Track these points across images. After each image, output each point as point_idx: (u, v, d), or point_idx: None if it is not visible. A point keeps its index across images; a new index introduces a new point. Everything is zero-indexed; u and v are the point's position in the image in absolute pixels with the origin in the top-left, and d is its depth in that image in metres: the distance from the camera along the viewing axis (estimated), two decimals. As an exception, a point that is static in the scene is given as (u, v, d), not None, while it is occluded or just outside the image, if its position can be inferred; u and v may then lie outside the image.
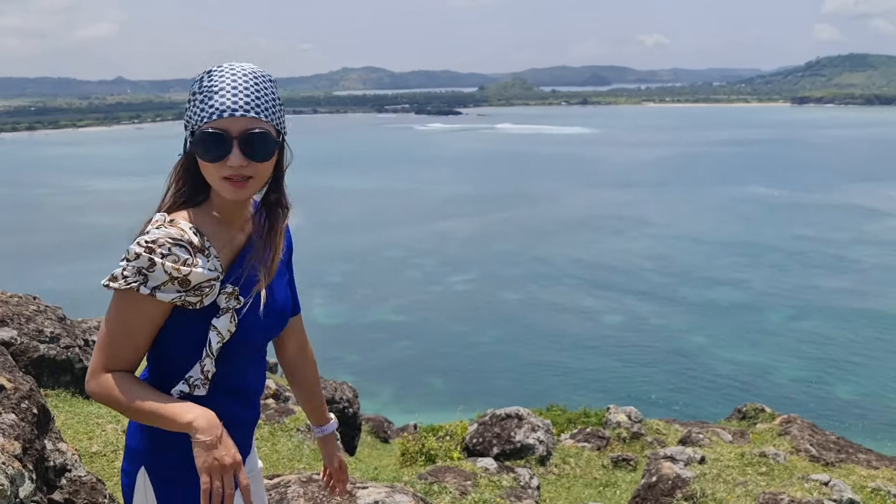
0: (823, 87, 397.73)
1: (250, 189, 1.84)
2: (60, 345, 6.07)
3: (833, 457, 7.74)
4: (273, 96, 1.85)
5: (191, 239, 1.79)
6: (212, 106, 1.77)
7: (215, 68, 1.83)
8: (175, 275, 1.75)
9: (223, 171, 1.78)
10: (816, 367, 33.46)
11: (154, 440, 1.89)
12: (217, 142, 1.77)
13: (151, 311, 1.79)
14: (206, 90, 1.80)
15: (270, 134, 1.81)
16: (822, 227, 62.58)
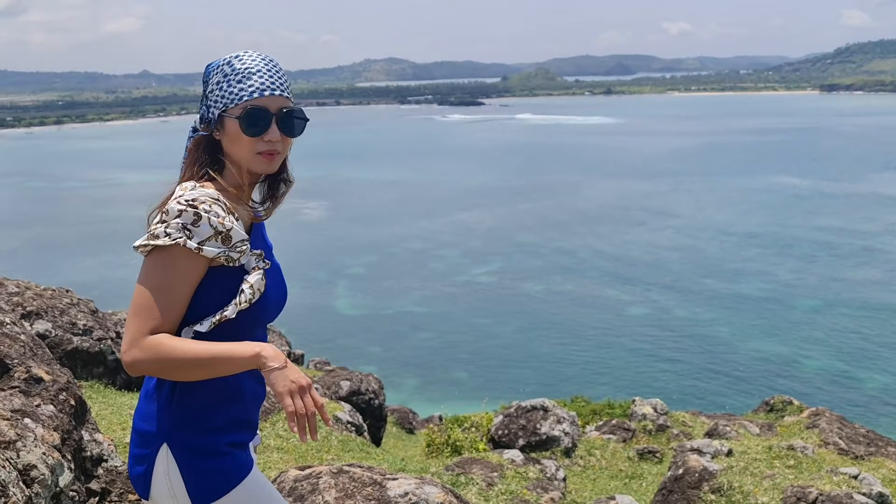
0: (853, 74, 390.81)
1: (277, 163, 1.99)
2: (93, 337, 6.19)
3: (862, 450, 7.66)
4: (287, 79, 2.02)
5: (224, 200, 1.89)
6: (251, 85, 1.92)
7: (241, 53, 1.97)
8: (220, 229, 1.83)
9: (259, 145, 1.92)
10: (845, 359, 33.03)
11: (178, 416, 1.92)
12: (261, 117, 1.90)
13: (195, 267, 1.84)
14: (239, 72, 1.93)
15: (301, 113, 1.99)
16: (849, 217, 61.62)
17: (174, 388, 1.94)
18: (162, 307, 1.81)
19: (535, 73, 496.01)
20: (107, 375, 6.13)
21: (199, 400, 1.94)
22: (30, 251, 56.31)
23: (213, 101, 1.95)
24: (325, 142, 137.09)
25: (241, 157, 1.94)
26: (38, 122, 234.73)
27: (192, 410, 1.93)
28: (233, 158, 1.96)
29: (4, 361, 3.36)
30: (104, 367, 6.17)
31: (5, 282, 6.13)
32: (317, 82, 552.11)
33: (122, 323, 9.43)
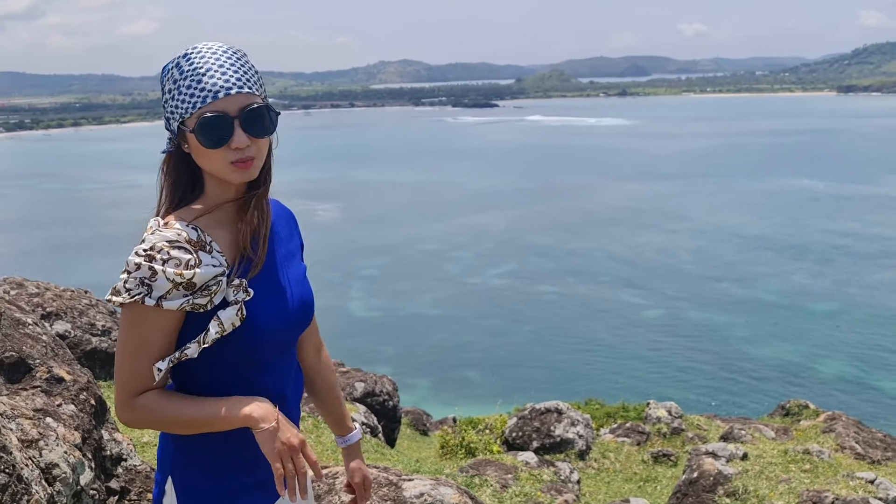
0: (871, 75, 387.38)
1: (255, 169, 1.73)
2: (112, 338, 6.26)
3: (879, 454, 7.61)
4: (254, 69, 1.76)
5: (188, 237, 1.67)
6: (203, 88, 1.66)
7: (189, 51, 1.70)
8: (178, 280, 1.63)
9: (228, 155, 1.67)
10: (861, 363, 32.75)
11: (178, 453, 1.82)
12: (219, 125, 1.65)
13: (162, 321, 1.66)
14: (188, 75, 1.67)
15: (267, 108, 1.72)
16: (866, 220, 61.07)
17: None
18: (140, 365, 1.65)
19: (549, 74, 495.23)
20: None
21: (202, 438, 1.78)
22: (47, 252, 56.91)
23: (170, 111, 1.71)
24: (339, 144, 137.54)
25: (215, 171, 1.71)
26: (55, 124, 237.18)
27: (194, 448, 1.79)
28: (208, 172, 1.74)
29: (27, 362, 3.41)
30: (122, 367, 6.24)
31: (25, 283, 6.21)
32: (331, 84, 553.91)
33: (140, 323, 9.51)
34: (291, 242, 1.98)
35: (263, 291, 1.76)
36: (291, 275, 1.89)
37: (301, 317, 1.89)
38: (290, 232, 1.99)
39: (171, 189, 1.78)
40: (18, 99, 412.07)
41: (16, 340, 3.47)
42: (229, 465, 1.82)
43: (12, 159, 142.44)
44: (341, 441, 2.23)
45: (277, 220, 1.94)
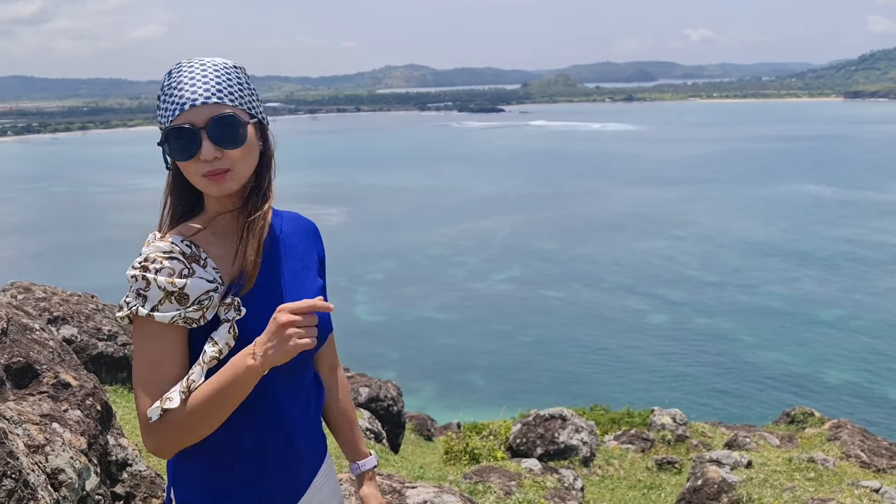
0: (878, 80, 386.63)
1: (232, 181, 1.67)
2: (118, 342, 6.30)
3: (885, 463, 7.59)
4: (240, 82, 1.71)
5: (182, 250, 1.66)
6: (173, 101, 1.66)
7: (174, 67, 1.70)
8: (170, 289, 1.61)
9: (199, 167, 1.65)
10: (867, 371, 32.61)
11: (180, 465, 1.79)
12: (185, 137, 1.64)
13: (163, 335, 1.63)
14: (168, 89, 1.68)
15: (238, 117, 1.66)
16: (873, 226, 60.88)
17: None
18: (158, 381, 1.63)
19: (555, 79, 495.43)
20: (130, 380, 6.24)
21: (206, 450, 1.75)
22: (54, 255, 57.14)
23: (159, 124, 1.73)
24: (345, 148, 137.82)
25: (195, 184, 1.69)
26: (63, 127, 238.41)
27: (196, 461, 1.76)
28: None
29: (34, 367, 3.44)
30: (128, 371, 6.26)
31: (33, 287, 6.25)
32: (337, 88, 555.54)
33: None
34: (308, 257, 1.92)
35: (262, 309, 1.69)
36: (301, 291, 1.82)
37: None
38: (309, 246, 1.95)
39: (171, 206, 1.78)
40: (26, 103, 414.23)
41: (23, 346, 3.50)
42: (233, 478, 1.78)
43: (20, 163, 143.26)
44: (355, 468, 2.14)
45: (293, 234, 1.90)
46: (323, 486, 2.00)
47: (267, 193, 1.77)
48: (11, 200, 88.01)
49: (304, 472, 1.92)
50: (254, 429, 1.78)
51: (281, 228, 1.88)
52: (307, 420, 1.91)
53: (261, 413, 1.77)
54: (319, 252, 1.99)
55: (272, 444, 1.81)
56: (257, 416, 1.77)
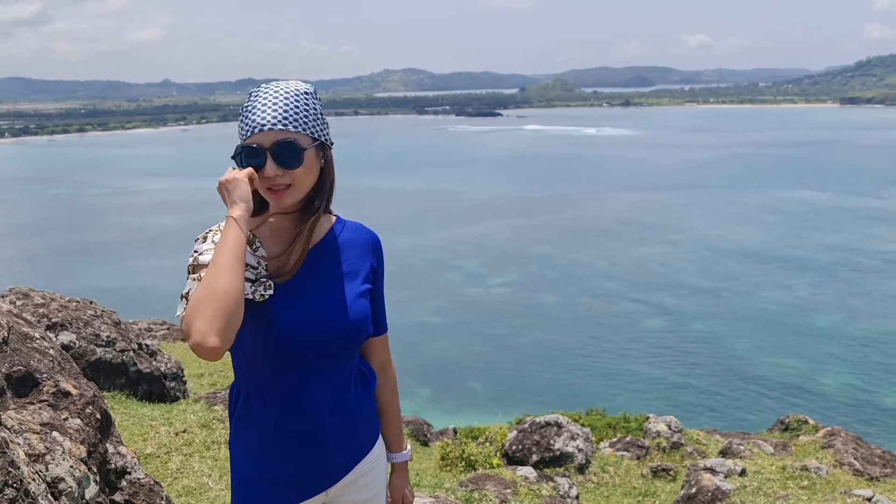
0: (874, 87, 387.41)
1: (290, 196, 1.96)
2: (116, 348, 6.32)
3: (878, 471, 7.63)
4: (307, 108, 1.98)
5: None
6: (247, 124, 1.95)
7: (256, 90, 2.00)
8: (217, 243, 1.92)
9: (263, 181, 1.93)
10: (862, 378, 32.69)
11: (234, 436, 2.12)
12: (252, 155, 1.93)
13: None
14: (245, 110, 1.97)
15: (297, 142, 1.93)
16: (870, 231, 61.06)
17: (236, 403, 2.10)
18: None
19: (553, 84, 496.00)
20: (128, 386, 6.26)
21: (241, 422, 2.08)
22: (51, 258, 57.03)
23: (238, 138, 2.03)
24: (343, 152, 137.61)
25: (260, 191, 1.98)
26: (60, 129, 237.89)
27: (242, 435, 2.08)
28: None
29: (34, 376, 3.47)
30: (126, 377, 6.29)
31: (31, 293, 6.27)
32: (336, 92, 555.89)
33: (143, 334, 9.57)
34: (360, 263, 2.14)
35: (294, 298, 1.99)
36: (340, 293, 2.06)
37: (337, 334, 2.02)
38: (362, 255, 2.16)
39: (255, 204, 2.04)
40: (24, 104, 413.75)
41: (23, 355, 3.53)
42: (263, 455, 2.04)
43: (17, 164, 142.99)
44: (389, 457, 2.38)
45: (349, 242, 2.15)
46: (361, 478, 2.18)
47: (319, 206, 2.06)
48: (9, 202, 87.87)
49: (337, 460, 2.10)
50: (282, 414, 2.00)
51: (339, 236, 2.14)
52: (343, 411, 2.08)
53: (290, 401, 2.00)
54: (374, 262, 2.20)
55: (297, 430, 2.02)
56: (283, 404, 2.00)
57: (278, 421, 2.01)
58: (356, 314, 2.06)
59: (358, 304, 2.07)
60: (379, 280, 2.22)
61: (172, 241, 55.03)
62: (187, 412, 5.79)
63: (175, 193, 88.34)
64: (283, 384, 1.99)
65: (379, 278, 2.22)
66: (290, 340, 1.95)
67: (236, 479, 2.09)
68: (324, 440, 2.05)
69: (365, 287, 2.13)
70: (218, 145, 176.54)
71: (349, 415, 2.09)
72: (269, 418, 2.01)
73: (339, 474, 2.11)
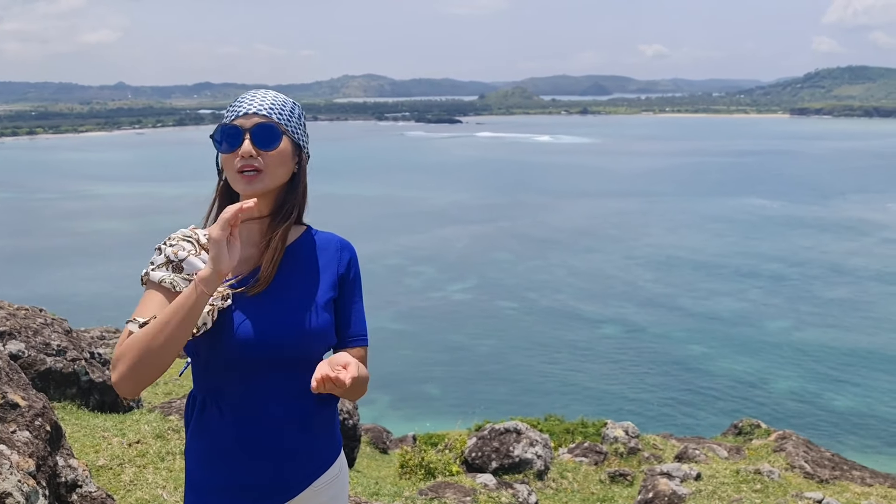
0: (822, 98, 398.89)
1: (261, 183, 1.95)
2: (67, 357, 6.16)
3: (827, 474, 7.83)
4: (292, 111, 2.05)
5: (199, 238, 1.97)
6: (233, 111, 1.99)
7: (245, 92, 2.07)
8: (172, 258, 1.92)
9: (236, 161, 1.93)
10: (813, 381, 33.53)
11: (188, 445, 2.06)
12: (233, 134, 1.95)
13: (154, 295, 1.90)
14: (231, 104, 2.02)
15: (277, 127, 1.97)
16: (819, 239, 62.76)
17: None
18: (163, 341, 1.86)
19: (512, 91, 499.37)
20: (80, 396, 6.10)
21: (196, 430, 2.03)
22: (-1, 263, 55.41)
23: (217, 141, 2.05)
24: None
25: (230, 179, 1.98)
26: (9, 132, 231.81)
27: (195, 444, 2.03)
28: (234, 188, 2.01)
29: (-19, 387, 3.36)
30: (77, 387, 6.13)
31: (-22, 301, 6.09)
32: (295, 97, 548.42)
33: (96, 342, 9.35)
34: (326, 272, 2.09)
35: (251, 306, 1.95)
36: (299, 301, 2.01)
37: (291, 342, 1.96)
38: (329, 261, 2.12)
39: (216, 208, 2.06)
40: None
41: (-31, 366, 3.42)
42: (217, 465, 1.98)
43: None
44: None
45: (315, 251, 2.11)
46: (320, 495, 2.08)
47: (290, 212, 2.05)
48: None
49: (294, 473, 2.01)
50: (237, 423, 1.96)
51: (307, 245, 2.12)
52: (299, 422, 2.01)
53: (245, 409, 1.96)
54: (342, 271, 2.13)
55: (251, 439, 1.96)
56: (241, 412, 1.96)
57: (233, 429, 1.95)
58: (314, 323, 1.99)
59: (317, 314, 2.01)
60: (350, 290, 2.16)
61: (126, 248, 53.87)
62: (141, 422, 5.67)
63: (129, 198, 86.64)
64: (238, 392, 1.95)
65: (350, 287, 2.16)
66: (243, 348, 1.91)
67: (189, 487, 2.03)
68: (278, 450, 1.98)
69: (328, 296, 2.07)
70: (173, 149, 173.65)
71: (307, 426, 2.02)
72: (224, 426, 1.96)
73: (296, 488, 2.02)
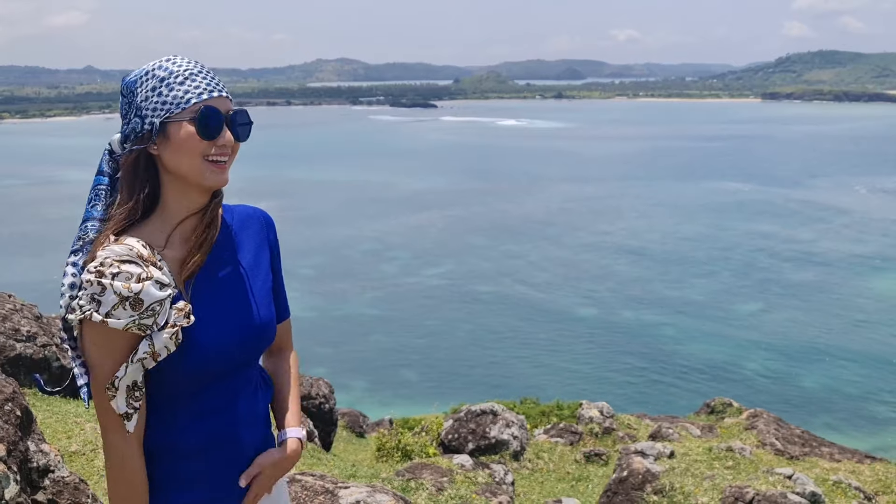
0: (793, 83, 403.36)
1: (227, 174, 1.74)
2: (37, 343, 6.08)
3: (797, 450, 7.98)
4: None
5: (140, 252, 1.65)
6: (197, 86, 1.70)
7: (169, 59, 1.74)
8: (125, 294, 1.59)
9: (211, 150, 1.69)
10: (783, 360, 34.14)
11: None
12: (213, 118, 1.69)
13: (117, 340, 1.63)
14: (178, 74, 1.70)
15: (247, 115, 1.78)
16: (789, 222, 63.68)
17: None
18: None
19: (486, 76, 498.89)
20: (51, 382, 6.03)
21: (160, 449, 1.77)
22: (-36, 251, 54.38)
23: (151, 108, 1.68)
24: (275, 141, 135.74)
25: (191, 170, 1.69)
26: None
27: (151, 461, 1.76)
28: (179, 173, 1.70)
29: (-52, 372, 3.30)
30: (49, 373, 6.06)
31: (-56, 287, 5.97)
32: (267, 81, 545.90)
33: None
34: (260, 253, 1.92)
35: (209, 313, 1.73)
36: (250, 291, 1.84)
37: (254, 339, 1.83)
38: (261, 242, 1.93)
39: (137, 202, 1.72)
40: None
41: (-64, 350, 3.36)
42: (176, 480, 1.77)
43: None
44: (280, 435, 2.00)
45: (242, 230, 1.90)
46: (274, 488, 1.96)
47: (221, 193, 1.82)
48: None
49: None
50: (201, 425, 1.77)
51: (233, 225, 1.88)
52: (254, 416, 1.88)
53: (211, 408, 1.77)
54: (272, 243, 1.97)
55: (218, 441, 1.79)
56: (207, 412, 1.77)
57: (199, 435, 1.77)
58: (265, 315, 1.86)
59: (266, 304, 1.88)
60: (278, 266, 1.99)
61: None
62: (114, 408, 5.59)
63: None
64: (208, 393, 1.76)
65: (278, 264, 1.99)
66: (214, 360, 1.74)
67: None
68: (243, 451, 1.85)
69: (269, 281, 1.93)
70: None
71: (259, 420, 1.90)
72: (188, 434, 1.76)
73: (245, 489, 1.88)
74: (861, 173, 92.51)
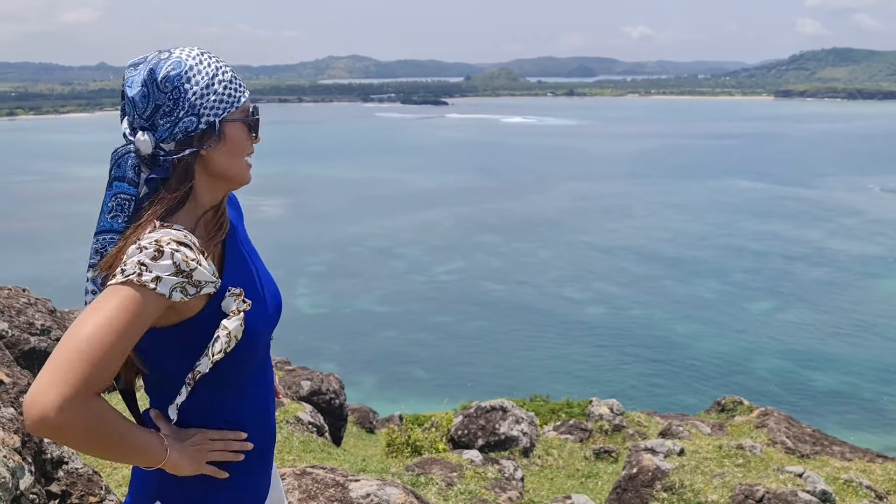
0: (806, 80, 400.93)
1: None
2: (51, 337, 6.13)
3: (808, 449, 7.94)
4: None
5: (193, 240, 1.57)
6: (240, 84, 1.67)
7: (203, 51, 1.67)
8: (183, 267, 1.50)
9: (251, 150, 1.71)
10: (794, 359, 33.96)
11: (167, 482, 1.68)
12: (258, 118, 1.72)
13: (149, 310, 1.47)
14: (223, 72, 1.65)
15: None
16: (801, 220, 63.30)
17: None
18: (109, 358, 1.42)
19: (498, 73, 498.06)
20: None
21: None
22: (-21, 246, 54.82)
23: (209, 107, 1.60)
24: (286, 138, 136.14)
25: (239, 170, 1.68)
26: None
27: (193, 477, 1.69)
28: (228, 174, 1.67)
29: (-36, 364, 3.34)
30: (62, 367, 6.11)
31: (-40, 281, 6.03)
32: (279, 78, 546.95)
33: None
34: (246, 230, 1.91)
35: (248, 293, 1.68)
36: (263, 273, 1.82)
37: (280, 311, 1.84)
38: (240, 219, 1.89)
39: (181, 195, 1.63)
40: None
41: (-48, 342, 3.40)
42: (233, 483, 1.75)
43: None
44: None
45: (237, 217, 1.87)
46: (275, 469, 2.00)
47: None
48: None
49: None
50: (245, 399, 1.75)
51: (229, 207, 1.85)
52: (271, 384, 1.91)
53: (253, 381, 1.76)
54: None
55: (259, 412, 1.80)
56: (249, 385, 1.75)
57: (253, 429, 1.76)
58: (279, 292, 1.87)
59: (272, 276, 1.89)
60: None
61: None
62: (127, 401, 5.64)
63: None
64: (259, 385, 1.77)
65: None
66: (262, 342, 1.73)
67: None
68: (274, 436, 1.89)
69: None
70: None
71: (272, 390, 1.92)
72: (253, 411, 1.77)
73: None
74: (875, 172, 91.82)
